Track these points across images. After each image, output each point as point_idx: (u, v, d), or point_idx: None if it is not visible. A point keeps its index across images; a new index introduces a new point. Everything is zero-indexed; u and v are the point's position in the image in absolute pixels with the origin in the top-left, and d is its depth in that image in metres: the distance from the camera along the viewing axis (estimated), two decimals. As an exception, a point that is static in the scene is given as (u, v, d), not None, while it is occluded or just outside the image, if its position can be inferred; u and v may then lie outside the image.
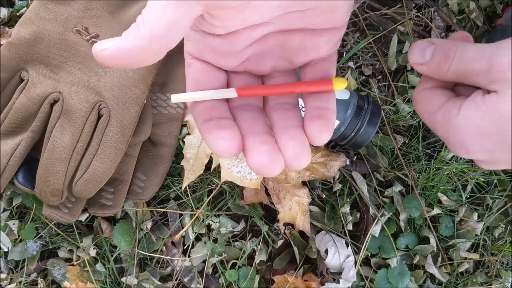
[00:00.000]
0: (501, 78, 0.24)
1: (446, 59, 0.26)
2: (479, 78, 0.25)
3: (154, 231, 0.58)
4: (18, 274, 0.56)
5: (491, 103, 0.25)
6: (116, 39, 0.22)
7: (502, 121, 0.24)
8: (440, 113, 0.27)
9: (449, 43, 0.27)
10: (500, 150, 0.25)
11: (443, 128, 0.27)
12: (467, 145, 0.26)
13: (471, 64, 0.25)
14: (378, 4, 0.64)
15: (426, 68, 0.28)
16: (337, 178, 0.59)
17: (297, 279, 0.55)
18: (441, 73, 0.27)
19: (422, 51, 0.28)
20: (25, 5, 0.58)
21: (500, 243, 0.60)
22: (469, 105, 0.26)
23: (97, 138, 0.48)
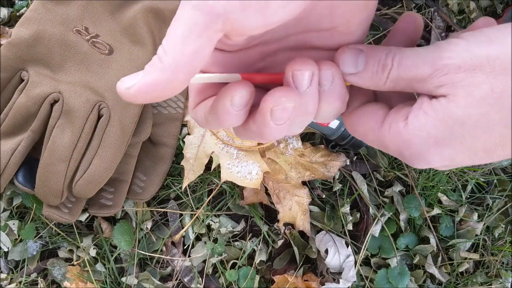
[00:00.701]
0: (449, 81, 0.22)
1: (384, 69, 0.24)
2: (423, 85, 0.23)
3: (154, 231, 0.58)
4: (18, 274, 0.56)
5: (442, 108, 0.23)
6: (140, 74, 0.22)
7: (457, 126, 0.23)
8: (386, 128, 0.25)
9: (382, 50, 0.24)
10: (461, 155, 0.24)
11: (394, 144, 0.25)
12: (426, 157, 0.24)
13: (413, 71, 0.23)
14: (378, 4, 0.64)
15: (358, 79, 0.25)
16: (337, 178, 0.59)
17: (297, 279, 0.55)
18: (378, 83, 0.25)
19: (353, 59, 0.25)
20: (25, 5, 0.58)
21: (500, 243, 0.60)
22: (416, 114, 0.24)
23: (97, 138, 0.48)
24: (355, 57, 0.25)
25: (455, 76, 0.22)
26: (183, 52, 0.21)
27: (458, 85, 0.22)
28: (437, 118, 0.23)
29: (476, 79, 0.22)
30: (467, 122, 0.22)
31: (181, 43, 0.21)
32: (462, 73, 0.22)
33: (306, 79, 0.24)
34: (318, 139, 0.60)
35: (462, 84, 0.22)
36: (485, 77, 0.22)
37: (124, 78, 0.22)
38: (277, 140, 0.58)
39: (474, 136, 0.23)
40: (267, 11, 0.21)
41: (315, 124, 0.53)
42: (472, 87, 0.22)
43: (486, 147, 0.23)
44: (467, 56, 0.22)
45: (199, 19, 0.21)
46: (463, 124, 0.23)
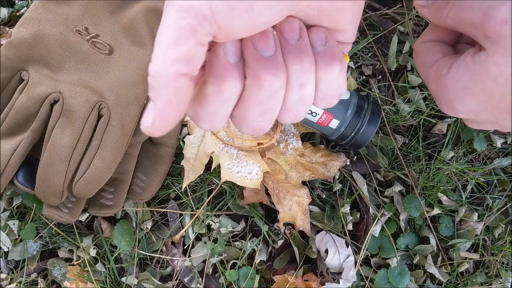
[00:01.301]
0: (492, 34, 0.23)
1: (446, 5, 0.25)
2: (475, 30, 0.24)
3: (154, 231, 0.58)
4: (18, 274, 0.56)
5: (480, 62, 0.24)
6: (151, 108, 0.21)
7: (489, 82, 0.24)
8: (433, 70, 0.27)
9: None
10: (485, 111, 0.25)
11: (433, 85, 0.27)
12: (453, 105, 0.26)
13: (469, 14, 0.24)
14: (378, 4, 0.64)
15: (427, 11, 0.27)
16: (337, 178, 0.59)
17: (297, 279, 0.55)
18: (440, 18, 0.26)
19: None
20: (25, 5, 0.58)
21: (500, 243, 0.60)
22: (459, 65, 0.25)
23: (97, 138, 0.48)
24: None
25: (500, 30, 0.23)
26: (174, 61, 0.20)
27: (500, 41, 0.23)
28: (474, 71, 0.24)
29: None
30: (499, 80, 0.24)
31: (170, 51, 0.20)
32: (506, 29, 0.23)
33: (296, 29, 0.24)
34: (318, 139, 0.60)
35: (503, 42, 0.23)
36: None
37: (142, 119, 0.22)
38: (277, 140, 0.58)
39: (501, 94, 0.24)
40: (254, 13, 0.21)
41: (315, 124, 0.53)
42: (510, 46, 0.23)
43: (509, 109, 0.24)
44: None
45: (185, 22, 0.20)
46: (495, 80, 0.24)
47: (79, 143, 0.47)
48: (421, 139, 0.60)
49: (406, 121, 0.60)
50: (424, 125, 0.61)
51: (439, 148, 0.61)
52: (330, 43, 0.25)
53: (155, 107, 0.21)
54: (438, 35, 0.28)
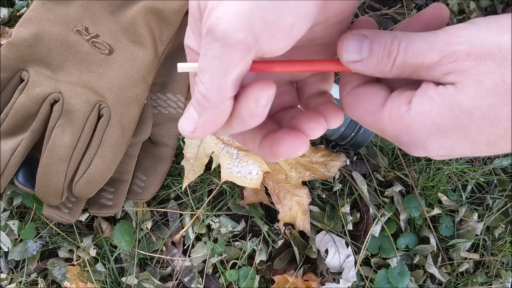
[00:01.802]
0: (457, 69, 0.21)
1: (390, 55, 0.23)
2: (430, 72, 0.22)
3: (154, 231, 0.58)
4: (18, 274, 0.56)
5: (449, 96, 0.21)
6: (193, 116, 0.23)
7: (464, 117, 0.21)
8: (386, 111, 0.23)
9: (387, 35, 0.23)
10: (461, 146, 0.23)
11: (393, 128, 0.23)
12: (425, 145, 0.23)
13: (420, 58, 0.22)
14: (378, 4, 0.64)
15: (363, 66, 0.24)
16: (337, 178, 0.59)
17: (297, 279, 0.55)
18: (383, 70, 0.23)
19: (357, 47, 0.24)
20: (25, 5, 0.58)
21: (500, 243, 0.60)
22: (421, 99, 0.22)
23: (97, 138, 0.48)
24: (359, 43, 0.24)
25: (464, 64, 0.21)
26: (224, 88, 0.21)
27: (467, 73, 0.21)
28: (443, 106, 0.22)
29: (487, 68, 0.21)
30: (475, 113, 0.21)
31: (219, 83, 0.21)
32: (471, 61, 0.21)
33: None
34: (318, 139, 0.60)
35: (472, 73, 0.21)
36: (496, 67, 0.21)
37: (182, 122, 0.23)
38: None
39: (480, 128, 0.22)
40: (293, 32, 0.21)
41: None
42: (481, 76, 0.21)
43: (489, 140, 0.22)
44: (477, 43, 0.21)
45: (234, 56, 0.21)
46: (470, 114, 0.21)
47: (79, 143, 0.47)
48: (421, 139, 0.60)
49: (406, 121, 0.60)
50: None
51: (439, 148, 0.61)
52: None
53: (200, 119, 0.23)
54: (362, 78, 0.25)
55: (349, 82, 0.26)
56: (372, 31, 0.24)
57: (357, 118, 0.25)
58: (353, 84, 0.26)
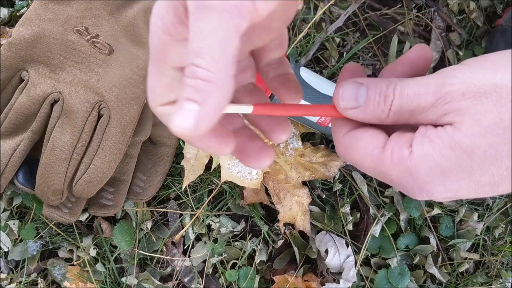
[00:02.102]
0: (454, 109, 0.21)
1: (386, 99, 0.23)
2: (427, 115, 0.22)
3: (154, 231, 0.58)
4: (18, 274, 0.56)
5: (448, 137, 0.21)
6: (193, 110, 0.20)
7: (465, 157, 0.21)
8: (387, 154, 0.23)
9: (382, 81, 0.23)
10: (465, 188, 0.22)
11: (396, 171, 0.23)
12: (429, 188, 0.22)
13: (415, 101, 0.22)
14: (378, 4, 0.64)
15: (360, 112, 0.24)
16: (337, 178, 0.59)
17: (297, 279, 0.55)
18: (380, 116, 0.23)
19: (353, 94, 0.24)
20: (25, 5, 0.58)
21: (500, 243, 0.60)
22: (421, 142, 0.22)
23: (97, 138, 0.48)
24: (355, 90, 0.24)
25: (459, 104, 0.21)
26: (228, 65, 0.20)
27: (464, 112, 0.21)
28: (443, 147, 0.21)
29: (483, 107, 0.21)
30: (476, 153, 0.21)
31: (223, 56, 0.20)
32: (467, 100, 0.21)
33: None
34: (318, 139, 0.60)
35: (468, 112, 0.21)
36: (492, 105, 0.21)
37: (176, 121, 0.20)
38: (277, 140, 0.58)
39: (482, 168, 0.21)
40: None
41: (315, 124, 0.53)
42: (479, 115, 0.21)
43: (493, 181, 0.22)
44: (471, 83, 0.21)
45: (231, 24, 0.20)
46: (471, 154, 0.21)
47: (79, 143, 0.47)
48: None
49: (406, 121, 0.60)
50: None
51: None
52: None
53: (203, 109, 0.20)
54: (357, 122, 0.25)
55: (344, 125, 0.25)
56: (367, 79, 0.24)
57: (355, 161, 0.25)
58: (348, 127, 0.25)
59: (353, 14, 0.63)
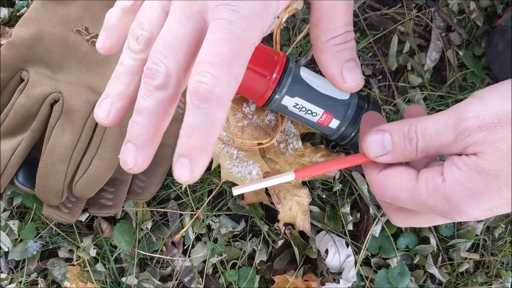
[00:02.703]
0: (473, 141, 0.24)
1: (411, 142, 0.26)
2: (450, 149, 0.25)
3: (154, 231, 0.58)
4: (18, 274, 0.56)
5: (473, 164, 0.24)
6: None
7: (491, 179, 0.24)
8: (422, 185, 0.25)
9: (403, 124, 0.26)
10: (499, 206, 0.24)
11: (432, 199, 0.25)
12: (465, 209, 0.25)
13: (438, 139, 0.25)
14: (378, 4, 0.64)
15: (391, 157, 0.26)
16: (337, 178, 0.59)
17: (297, 279, 0.55)
18: (410, 156, 0.26)
19: (380, 143, 0.26)
20: (25, 5, 0.58)
21: (500, 243, 0.60)
22: (451, 170, 0.25)
23: (97, 138, 0.48)
24: (380, 139, 0.26)
25: (477, 136, 0.23)
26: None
27: (483, 142, 0.23)
28: (470, 173, 0.24)
29: (500, 135, 0.23)
30: (500, 175, 0.23)
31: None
32: (484, 132, 0.23)
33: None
34: (318, 139, 0.60)
35: (487, 141, 0.23)
36: (507, 131, 0.23)
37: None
38: (277, 140, 0.58)
39: (508, 186, 0.24)
40: None
41: (315, 124, 0.53)
42: (497, 143, 0.23)
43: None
44: (485, 115, 0.23)
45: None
46: (497, 176, 0.23)
47: (79, 143, 0.47)
48: (421, 139, 0.60)
49: (406, 121, 0.60)
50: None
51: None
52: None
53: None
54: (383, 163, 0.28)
55: (376, 166, 0.28)
56: (389, 124, 0.27)
57: (391, 196, 0.27)
58: (380, 167, 0.28)
59: (353, 14, 0.63)
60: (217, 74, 0.22)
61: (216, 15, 0.22)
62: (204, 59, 0.22)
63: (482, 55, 0.64)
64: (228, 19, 0.22)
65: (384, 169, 0.27)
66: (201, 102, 0.22)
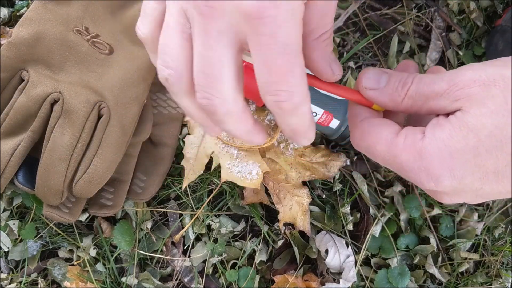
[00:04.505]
0: (463, 95, 0.23)
1: (404, 85, 0.26)
2: (439, 101, 0.24)
3: (154, 231, 0.58)
4: (18, 274, 0.56)
5: (457, 120, 0.23)
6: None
7: (471, 137, 0.23)
8: (401, 138, 0.25)
9: (405, 74, 0.26)
10: (471, 175, 0.23)
11: (406, 154, 0.25)
12: (435, 171, 0.24)
13: (431, 87, 0.25)
14: (378, 4, 0.64)
15: (379, 94, 0.26)
16: (338, 178, 0.59)
17: (297, 279, 0.55)
18: (396, 99, 0.26)
19: (376, 77, 0.27)
20: (25, 5, 0.58)
21: (500, 243, 0.60)
22: (434, 127, 0.24)
23: (97, 138, 0.48)
24: (378, 75, 0.27)
25: (470, 90, 0.23)
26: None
27: (473, 98, 0.23)
28: (453, 129, 0.23)
29: (490, 92, 0.23)
30: (482, 132, 0.23)
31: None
32: (477, 87, 0.23)
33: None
34: (318, 139, 0.60)
35: (476, 98, 0.23)
36: (499, 91, 0.23)
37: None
38: (278, 140, 0.58)
39: (487, 150, 0.23)
40: None
41: (315, 124, 0.53)
42: (486, 99, 0.23)
43: (497, 168, 0.23)
44: (482, 73, 0.23)
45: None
46: (477, 133, 0.23)
47: (79, 143, 0.47)
48: (421, 139, 0.60)
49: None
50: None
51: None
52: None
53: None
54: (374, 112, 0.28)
55: (361, 113, 0.28)
56: (394, 71, 0.27)
57: (368, 146, 0.27)
58: (365, 115, 0.28)
59: (353, 14, 0.63)
60: (287, 88, 0.22)
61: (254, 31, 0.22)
62: (267, 80, 0.23)
63: (482, 55, 0.64)
64: (269, 33, 0.21)
65: (369, 118, 0.27)
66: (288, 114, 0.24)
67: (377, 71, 0.27)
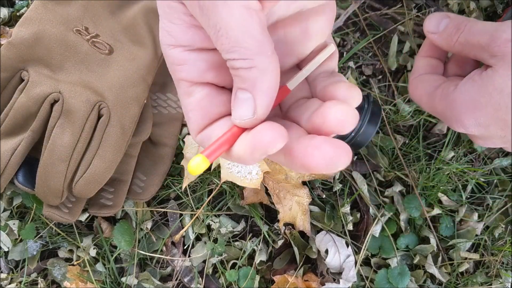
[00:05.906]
0: (498, 53, 0.26)
1: (457, 31, 0.29)
2: (481, 51, 0.27)
3: (154, 231, 0.58)
4: (18, 274, 0.56)
5: (487, 77, 0.27)
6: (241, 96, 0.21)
7: (495, 94, 0.26)
8: (439, 91, 0.29)
9: (462, 18, 0.29)
10: (494, 124, 0.27)
11: (441, 105, 0.29)
12: (462, 119, 0.28)
13: (477, 37, 0.27)
14: (378, 4, 0.64)
15: (437, 37, 0.30)
16: (337, 178, 0.59)
17: (297, 279, 0.55)
18: (450, 43, 0.29)
19: (437, 21, 0.30)
20: (25, 5, 0.58)
21: (500, 243, 0.60)
22: (466, 81, 0.28)
23: (97, 138, 0.48)
24: (439, 20, 0.30)
25: (504, 48, 0.26)
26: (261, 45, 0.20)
27: (503, 58, 0.26)
28: (481, 84, 0.27)
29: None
30: (504, 91, 0.26)
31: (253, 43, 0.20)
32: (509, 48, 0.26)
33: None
34: (318, 139, 0.60)
35: (507, 58, 0.26)
36: None
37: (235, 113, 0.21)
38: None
39: (507, 107, 0.26)
40: None
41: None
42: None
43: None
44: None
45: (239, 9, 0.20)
46: (501, 92, 0.26)
47: (79, 143, 0.47)
48: (421, 139, 0.60)
49: (406, 121, 0.60)
50: (424, 125, 0.61)
51: (439, 148, 0.61)
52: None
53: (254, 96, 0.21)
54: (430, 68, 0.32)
55: (417, 71, 0.32)
56: (455, 15, 0.30)
57: (417, 98, 0.32)
58: (419, 72, 0.32)
59: (353, 14, 0.63)
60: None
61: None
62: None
63: (482, 55, 0.64)
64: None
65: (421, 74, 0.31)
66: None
67: (439, 16, 0.30)
